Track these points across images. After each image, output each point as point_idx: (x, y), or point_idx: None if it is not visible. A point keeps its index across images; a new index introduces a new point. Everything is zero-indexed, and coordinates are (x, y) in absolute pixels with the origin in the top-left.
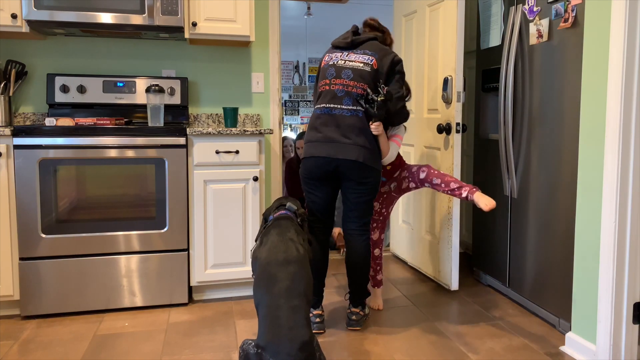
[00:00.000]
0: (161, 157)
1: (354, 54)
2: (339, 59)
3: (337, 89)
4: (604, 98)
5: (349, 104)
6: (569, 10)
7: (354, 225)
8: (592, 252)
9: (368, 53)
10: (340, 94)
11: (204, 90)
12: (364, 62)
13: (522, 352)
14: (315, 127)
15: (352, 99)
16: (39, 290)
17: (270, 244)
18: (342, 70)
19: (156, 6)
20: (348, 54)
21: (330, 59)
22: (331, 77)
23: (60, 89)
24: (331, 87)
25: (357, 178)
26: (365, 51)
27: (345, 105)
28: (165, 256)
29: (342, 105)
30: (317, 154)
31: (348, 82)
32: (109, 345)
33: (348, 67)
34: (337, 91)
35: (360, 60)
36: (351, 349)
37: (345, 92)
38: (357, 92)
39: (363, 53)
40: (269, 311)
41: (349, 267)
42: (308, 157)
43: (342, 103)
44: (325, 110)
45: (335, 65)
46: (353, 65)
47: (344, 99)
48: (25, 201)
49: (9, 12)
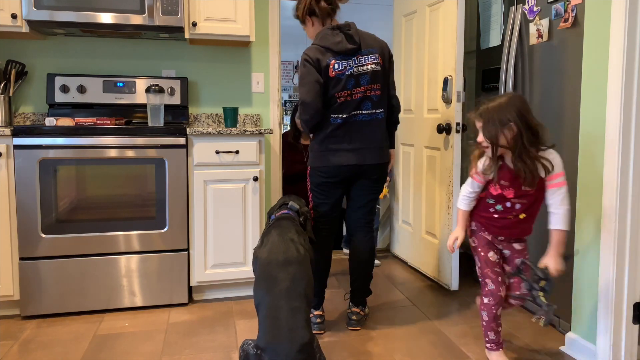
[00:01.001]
0: (161, 157)
1: (362, 56)
2: (354, 67)
3: (357, 97)
4: (604, 98)
5: (369, 107)
6: (569, 10)
7: (362, 222)
8: (592, 252)
9: (373, 51)
10: (360, 100)
11: (204, 90)
12: (374, 62)
13: (522, 352)
14: (338, 136)
15: (371, 102)
16: (39, 290)
17: (271, 244)
18: (360, 77)
19: (156, 6)
20: (358, 58)
21: (344, 68)
22: (352, 87)
23: (60, 89)
24: (353, 97)
25: (377, 176)
26: (369, 50)
27: (365, 110)
28: (165, 256)
29: (362, 110)
30: (346, 162)
31: (367, 87)
32: (109, 345)
33: (363, 72)
34: (358, 99)
35: (371, 62)
36: (351, 349)
37: (364, 96)
38: (376, 94)
39: (369, 53)
40: (269, 312)
41: (352, 264)
42: (333, 165)
43: (362, 108)
44: (346, 119)
45: (354, 75)
46: (367, 69)
47: (362, 103)
48: (25, 201)
49: (9, 12)
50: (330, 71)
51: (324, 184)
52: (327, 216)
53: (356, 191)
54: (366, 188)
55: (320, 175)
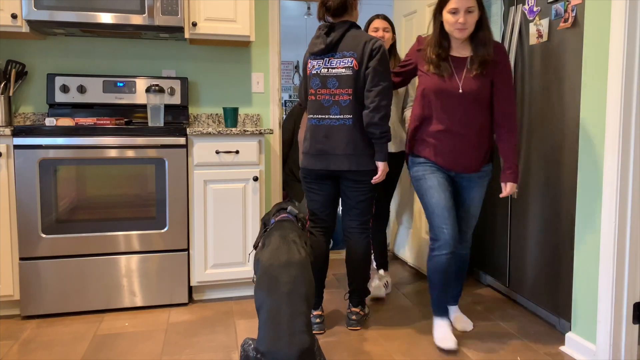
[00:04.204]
0: (161, 157)
1: (334, 59)
2: (322, 67)
3: (323, 99)
4: (604, 98)
5: (337, 112)
6: (569, 10)
7: (354, 223)
8: (592, 252)
9: (347, 55)
10: (327, 104)
11: (204, 90)
12: (346, 66)
13: (522, 352)
14: (307, 138)
15: (339, 107)
16: (39, 290)
17: (273, 246)
18: (327, 79)
19: (156, 6)
20: (329, 60)
21: (312, 67)
22: (317, 87)
23: (60, 89)
24: (317, 97)
25: (354, 178)
26: (344, 53)
27: (333, 115)
28: (165, 256)
29: (330, 115)
30: (311, 166)
31: (334, 91)
32: (109, 345)
33: (332, 75)
34: (324, 101)
35: (342, 65)
36: (351, 349)
37: (333, 101)
38: (343, 99)
39: (342, 56)
40: (270, 315)
41: (349, 266)
42: (304, 167)
43: (330, 113)
44: (314, 121)
45: (319, 75)
46: (337, 72)
47: (331, 108)
48: (25, 201)
49: (9, 12)
50: (307, 70)
51: (306, 182)
52: (316, 215)
53: (344, 193)
54: (352, 189)
55: (302, 172)
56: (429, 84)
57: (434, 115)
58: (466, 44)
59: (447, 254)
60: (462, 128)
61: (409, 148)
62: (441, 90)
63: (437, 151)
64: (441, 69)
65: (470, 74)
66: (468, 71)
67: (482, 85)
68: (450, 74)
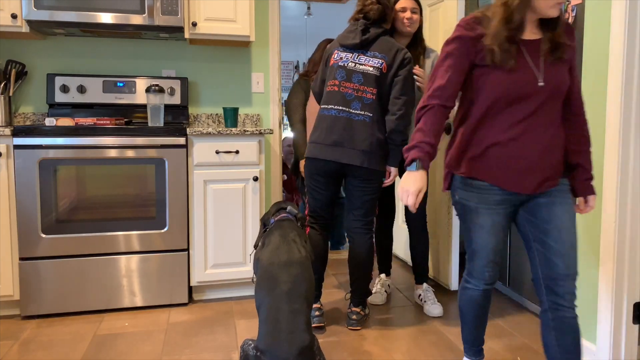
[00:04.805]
0: (161, 157)
1: (364, 56)
2: (350, 61)
3: (346, 92)
4: (604, 98)
5: (358, 108)
6: (569, 10)
7: (358, 223)
8: (592, 252)
9: (378, 56)
10: (349, 97)
11: (204, 90)
12: (374, 66)
13: (522, 352)
14: (322, 128)
15: (361, 103)
16: (39, 290)
17: (273, 245)
18: (353, 73)
19: (156, 6)
20: (359, 56)
21: (340, 59)
22: (341, 80)
23: (60, 89)
24: (340, 89)
25: (363, 176)
26: (375, 53)
27: (354, 110)
28: (165, 256)
29: (351, 109)
30: (322, 157)
31: (359, 87)
32: (109, 345)
33: (359, 70)
34: (347, 95)
35: (371, 64)
36: (351, 349)
37: (356, 96)
38: (367, 97)
39: (373, 56)
40: (270, 314)
41: (351, 265)
42: (313, 157)
43: (351, 107)
44: (333, 112)
45: (346, 68)
46: (364, 69)
47: (352, 102)
48: (25, 201)
49: (9, 12)
50: (331, 60)
51: (310, 178)
52: (315, 212)
53: (350, 191)
54: (357, 188)
55: (309, 166)
56: (496, 80)
57: (499, 120)
58: (536, 22)
59: (485, 289)
60: (538, 135)
61: (454, 167)
62: (516, 85)
63: (504, 169)
64: (511, 57)
65: (548, 60)
66: (545, 57)
67: (565, 74)
68: (524, 63)
